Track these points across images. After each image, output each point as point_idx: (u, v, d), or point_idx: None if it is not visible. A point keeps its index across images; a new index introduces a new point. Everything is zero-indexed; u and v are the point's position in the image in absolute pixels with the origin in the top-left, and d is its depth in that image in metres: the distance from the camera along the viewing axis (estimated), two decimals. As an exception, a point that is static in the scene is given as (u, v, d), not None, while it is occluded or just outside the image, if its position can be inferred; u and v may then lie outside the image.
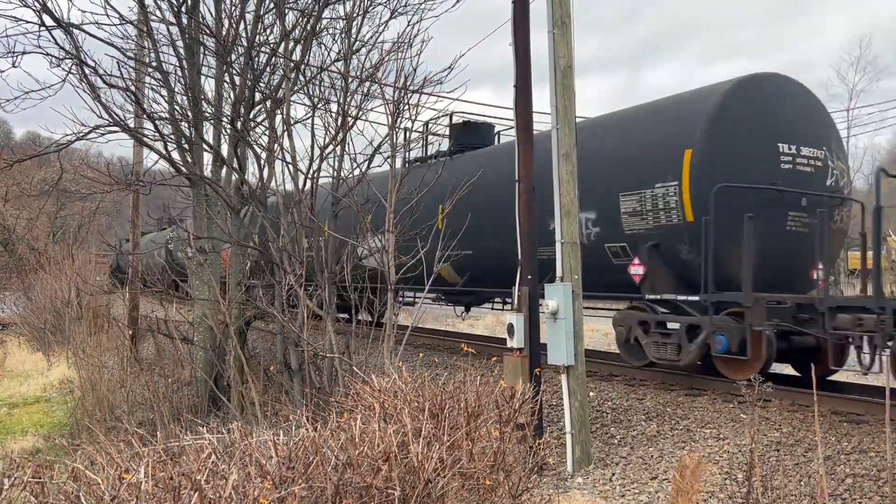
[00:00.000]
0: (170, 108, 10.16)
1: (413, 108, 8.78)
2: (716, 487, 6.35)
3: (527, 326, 7.61)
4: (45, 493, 3.08)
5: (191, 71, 10.13)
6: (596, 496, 6.61)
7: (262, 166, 9.78)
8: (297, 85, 9.58)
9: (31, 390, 13.89)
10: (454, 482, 4.13)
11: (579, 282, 7.41)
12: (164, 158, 10.10)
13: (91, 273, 19.83)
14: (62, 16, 8.91)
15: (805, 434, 7.23)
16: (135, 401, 9.87)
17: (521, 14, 7.69)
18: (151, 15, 10.19)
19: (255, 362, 10.11)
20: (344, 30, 9.44)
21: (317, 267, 8.66)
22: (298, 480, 3.46)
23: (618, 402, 9.09)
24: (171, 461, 3.56)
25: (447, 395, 4.76)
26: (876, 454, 6.60)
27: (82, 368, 11.56)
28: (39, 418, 11.67)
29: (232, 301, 9.55)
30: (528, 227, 7.67)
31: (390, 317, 8.07)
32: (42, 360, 16.70)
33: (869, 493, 5.96)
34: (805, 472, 6.44)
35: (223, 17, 10.19)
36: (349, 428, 4.13)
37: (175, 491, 2.95)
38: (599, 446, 7.80)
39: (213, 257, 10.38)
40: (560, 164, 7.40)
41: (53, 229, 34.83)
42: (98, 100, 9.02)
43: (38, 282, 21.09)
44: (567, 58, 7.40)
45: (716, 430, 7.67)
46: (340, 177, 9.44)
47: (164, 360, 11.67)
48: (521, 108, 7.76)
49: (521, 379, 7.19)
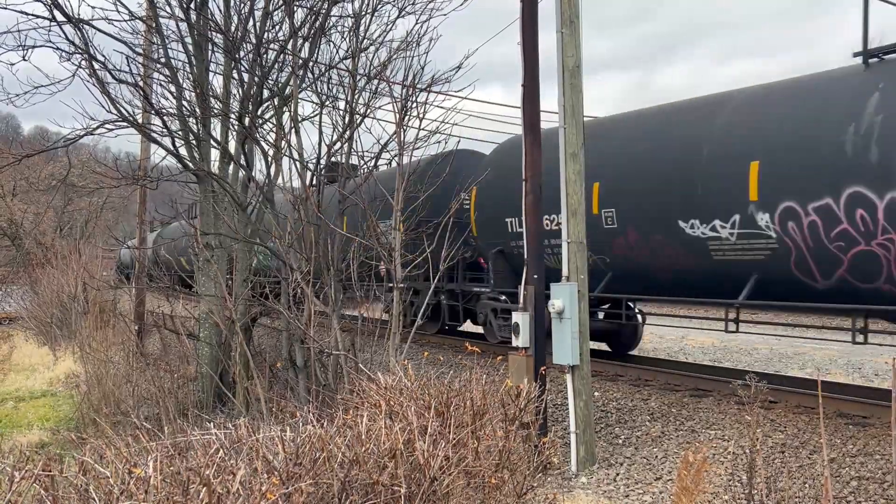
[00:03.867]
0: (178, 104, 10.19)
1: (421, 107, 8.79)
2: (720, 488, 6.35)
3: (532, 326, 7.61)
4: (54, 487, 3.10)
5: (199, 67, 10.16)
6: (600, 496, 6.61)
7: (270, 163, 9.81)
8: (305, 82, 9.60)
9: (37, 384, 13.96)
10: (459, 480, 4.14)
11: (585, 282, 7.41)
12: (172, 154, 10.13)
13: (98, 268, 19.91)
14: (72, 11, 8.94)
15: (810, 436, 7.22)
16: (140, 396, 9.91)
17: (530, 13, 7.68)
18: (161, 11, 10.23)
19: (261, 359, 10.14)
20: (352, 28, 9.46)
21: (323, 264, 8.67)
22: (305, 477, 3.48)
23: (622, 403, 9.09)
24: (179, 456, 3.58)
25: (453, 393, 4.77)
26: (881, 457, 6.59)
27: (88, 363, 11.62)
28: (45, 412, 11.72)
29: (238, 297, 9.57)
30: (535, 226, 7.67)
31: (395, 314, 8.08)
32: (48, 354, 16.78)
33: (874, 496, 5.95)
34: (810, 474, 6.43)
35: (232, 14, 10.22)
36: (355, 425, 4.14)
37: (183, 486, 2.97)
38: (604, 446, 7.80)
39: (220, 253, 10.41)
40: (567, 164, 7.40)
41: (60, 224, 34.95)
42: (107, 95, 9.05)
43: (44, 276, 21.19)
44: (575, 57, 7.39)
45: (720, 431, 7.67)
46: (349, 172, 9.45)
47: (169, 355, 11.71)
48: (529, 107, 7.76)
49: (526, 378, 7.19)
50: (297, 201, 8.92)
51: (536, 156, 7.72)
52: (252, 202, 10.29)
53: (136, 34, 10.99)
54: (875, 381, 12.18)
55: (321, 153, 9.27)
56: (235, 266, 10.51)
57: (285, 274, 9.13)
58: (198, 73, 10.12)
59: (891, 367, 7.35)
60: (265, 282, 10.08)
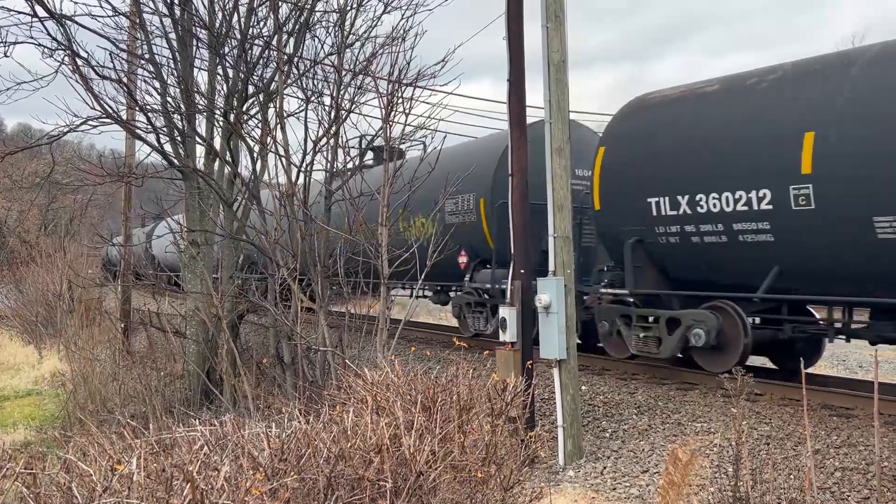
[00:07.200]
0: (162, 101, 10.12)
1: (407, 102, 8.78)
2: (706, 480, 6.39)
3: (519, 320, 7.63)
4: (37, 485, 3.08)
5: (183, 63, 10.09)
6: (587, 489, 6.64)
7: (255, 159, 9.77)
8: (291, 78, 9.56)
9: (22, 383, 13.84)
10: (446, 474, 4.14)
11: (572, 276, 7.43)
12: (157, 151, 10.07)
13: (83, 266, 19.76)
14: (54, 7, 8.86)
15: (795, 428, 7.28)
16: (127, 394, 9.84)
17: (516, 7, 7.68)
18: (144, 6, 10.15)
19: (248, 356, 10.11)
20: (337, 23, 9.43)
21: (310, 261, 8.65)
22: (291, 472, 3.47)
23: (609, 396, 9.13)
24: (164, 453, 3.56)
25: (439, 388, 4.77)
26: (865, 448, 6.65)
27: (74, 361, 11.53)
28: (31, 411, 11.64)
29: (224, 294, 9.54)
30: (522, 221, 7.68)
31: (382, 311, 8.08)
32: (33, 353, 16.63)
33: (858, 486, 6.01)
34: (794, 465, 6.48)
35: (216, 10, 10.15)
36: (341, 421, 4.14)
37: (167, 482, 2.96)
38: (591, 440, 7.83)
39: (206, 250, 10.36)
40: (553, 159, 7.40)
41: (45, 222, 34.70)
42: (90, 91, 8.98)
43: (29, 274, 21.02)
44: (561, 52, 7.39)
45: (706, 423, 7.71)
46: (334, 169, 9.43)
47: (156, 353, 11.65)
48: (515, 102, 7.76)
49: (513, 372, 7.20)
50: (283, 197, 8.90)
51: (523, 151, 7.72)
52: (238, 199, 10.25)
53: (119, 30, 10.93)
54: (859, 373, 12.31)
55: (307, 149, 9.25)
56: (222, 263, 10.47)
57: (272, 270, 9.11)
58: (182, 69, 10.06)
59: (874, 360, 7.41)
60: (252, 278, 10.06)
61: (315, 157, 9.32)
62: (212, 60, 10.37)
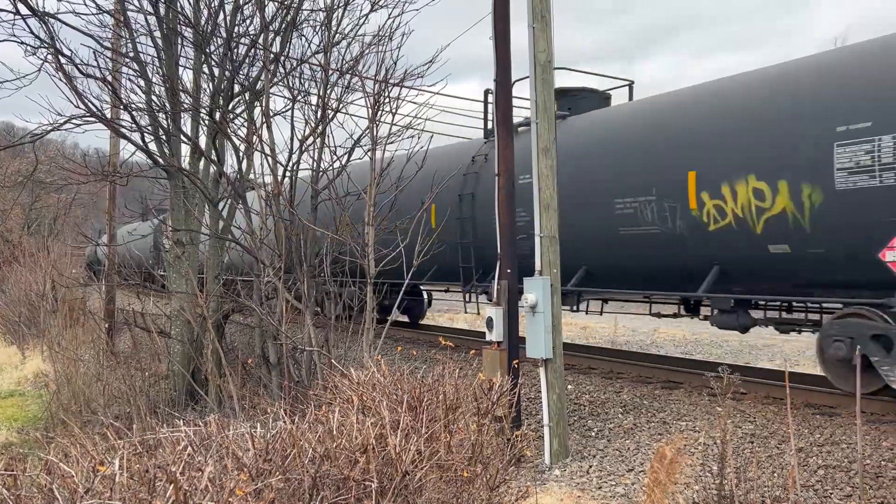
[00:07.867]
0: (147, 99, 10.05)
1: (394, 101, 8.77)
2: (691, 479, 6.42)
3: (506, 320, 7.63)
4: (17, 486, 3.05)
5: (168, 61, 10.02)
6: (573, 488, 6.66)
7: (241, 158, 9.72)
8: (277, 77, 9.51)
9: (4, 384, 13.69)
10: (432, 474, 4.14)
11: (558, 275, 7.44)
12: (141, 150, 9.99)
13: (67, 265, 19.59)
14: (37, 4, 8.77)
15: (779, 426, 7.34)
16: (111, 394, 9.76)
17: (502, 8, 7.69)
18: (129, 4, 10.06)
19: (233, 356, 10.05)
20: (324, 22, 9.40)
21: (295, 260, 8.62)
22: (275, 473, 3.46)
23: (595, 395, 9.16)
24: (147, 454, 3.54)
25: (425, 387, 4.77)
26: (847, 446, 6.71)
27: (57, 362, 11.42)
28: (13, 412, 11.51)
29: (209, 294, 9.48)
30: (508, 221, 7.68)
31: (369, 310, 8.06)
32: (16, 353, 16.46)
33: (840, 484, 6.06)
34: (778, 463, 6.53)
35: (202, 7, 10.09)
36: (327, 420, 4.12)
37: (150, 483, 2.94)
38: (577, 439, 7.85)
39: (191, 250, 10.29)
40: (539, 159, 7.41)
41: (28, 221, 34.36)
42: (74, 89, 8.90)
43: (12, 274, 20.80)
44: (547, 52, 7.41)
45: (691, 422, 7.76)
46: (320, 169, 9.39)
47: (140, 353, 11.57)
48: (502, 102, 7.77)
49: (499, 372, 7.21)
50: (269, 197, 8.86)
51: (510, 151, 7.73)
52: (223, 198, 10.19)
53: (103, 28, 10.82)
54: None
55: (293, 148, 9.21)
56: (207, 262, 10.41)
57: (258, 270, 9.07)
58: (167, 68, 9.99)
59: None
60: (238, 279, 10.01)
61: (301, 156, 9.30)
62: (197, 59, 10.30)
